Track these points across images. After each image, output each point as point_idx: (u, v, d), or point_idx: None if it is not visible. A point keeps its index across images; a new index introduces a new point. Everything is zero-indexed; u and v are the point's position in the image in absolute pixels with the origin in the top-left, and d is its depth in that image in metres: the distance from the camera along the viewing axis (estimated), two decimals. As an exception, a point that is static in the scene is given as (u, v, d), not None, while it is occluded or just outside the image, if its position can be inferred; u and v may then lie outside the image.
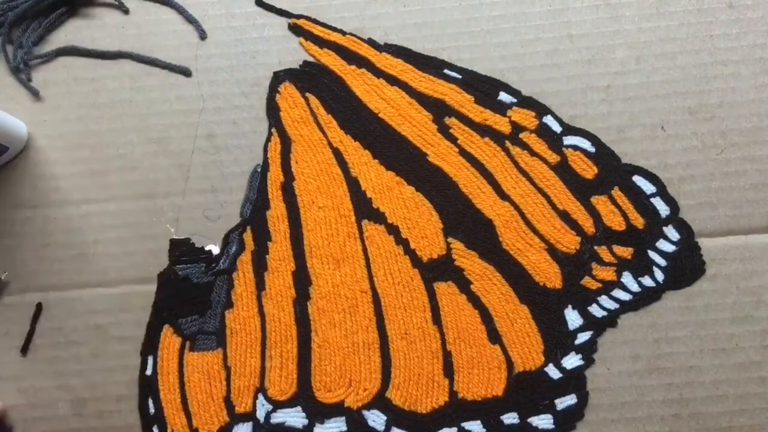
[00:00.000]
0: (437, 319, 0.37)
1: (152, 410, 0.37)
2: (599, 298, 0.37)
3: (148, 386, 0.37)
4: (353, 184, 0.39)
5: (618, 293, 0.37)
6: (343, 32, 0.42)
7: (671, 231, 0.38)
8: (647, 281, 0.38)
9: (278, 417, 0.36)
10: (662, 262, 0.38)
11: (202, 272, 0.38)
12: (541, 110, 0.40)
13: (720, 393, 0.36)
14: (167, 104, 0.41)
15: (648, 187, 0.39)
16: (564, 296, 0.37)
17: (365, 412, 0.36)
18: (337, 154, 0.40)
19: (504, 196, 0.39)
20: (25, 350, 0.38)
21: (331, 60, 0.41)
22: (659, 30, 0.41)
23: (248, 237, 0.39)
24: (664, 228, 0.38)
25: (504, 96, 0.40)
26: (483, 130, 0.40)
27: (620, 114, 0.40)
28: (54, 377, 0.38)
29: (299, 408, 0.36)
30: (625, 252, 0.38)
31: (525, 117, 0.40)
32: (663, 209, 0.38)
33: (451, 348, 0.37)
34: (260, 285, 0.38)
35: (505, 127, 0.40)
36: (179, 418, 0.37)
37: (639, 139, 0.39)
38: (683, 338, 0.37)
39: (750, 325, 0.37)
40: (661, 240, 0.38)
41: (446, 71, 0.41)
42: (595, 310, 0.37)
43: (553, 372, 0.37)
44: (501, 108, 0.40)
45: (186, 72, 0.41)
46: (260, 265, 0.38)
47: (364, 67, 0.41)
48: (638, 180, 0.39)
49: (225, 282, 0.38)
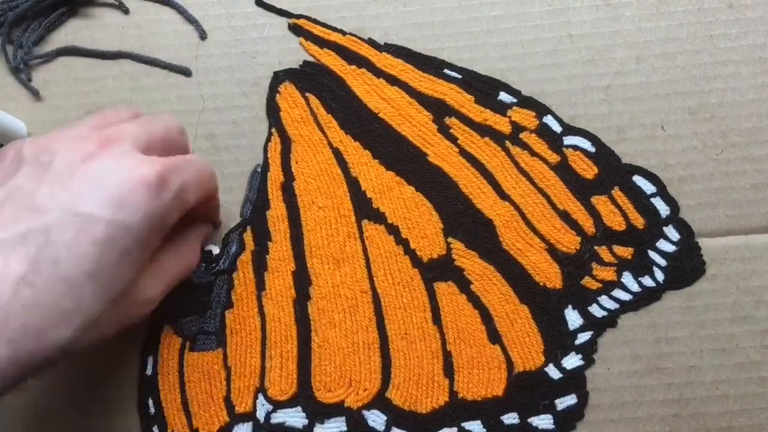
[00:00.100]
0: (437, 319, 0.37)
1: (152, 410, 0.37)
2: (599, 298, 0.37)
3: (148, 386, 0.37)
4: (353, 184, 0.39)
5: (618, 293, 0.37)
6: (343, 32, 0.42)
7: (671, 231, 0.38)
8: (647, 281, 0.38)
9: (278, 417, 0.36)
10: (662, 262, 0.38)
11: (202, 272, 0.38)
12: (541, 110, 0.40)
13: (720, 393, 0.36)
14: (167, 104, 0.41)
15: (648, 187, 0.39)
16: (564, 296, 0.37)
17: (365, 412, 0.36)
18: (337, 154, 0.40)
19: (504, 196, 0.39)
20: (25, 350, 0.38)
21: (331, 60, 0.41)
22: (659, 30, 0.41)
23: (248, 237, 0.39)
24: (664, 228, 0.38)
25: (504, 96, 0.40)
26: (483, 130, 0.40)
27: (620, 114, 0.40)
28: (54, 377, 0.38)
29: (299, 408, 0.36)
30: (625, 252, 0.38)
31: (525, 117, 0.40)
32: (663, 209, 0.38)
33: (451, 348, 0.37)
34: (260, 285, 0.38)
35: (505, 127, 0.40)
36: (179, 418, 0.37)
37: (639, 139, 0.39)
38: (683, 338, 0.37)
39: (750, 325, 0.37)
40: (661, 240, 0.38)
41: (446, 71, 0.41)
42: (595, 310, 0.37)
43: (553, 372, 0.37)
44: (501, 108, 0.40)
45: (186, 72, 0.41)
46: (260, 265, 0.38)
47: (364, 67, 0.41)
48: (638, 180, 0.39)
49: (225, 282, 0.38)
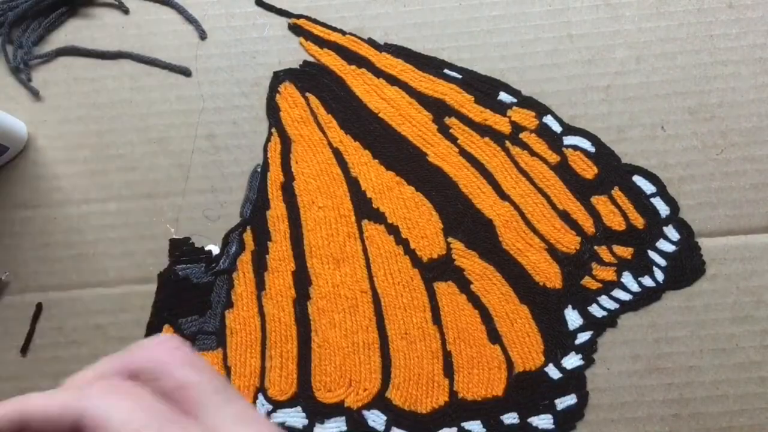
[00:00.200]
0: (437, 319, 0.37)
1: (152, 410, 0.37)
2: (599, 298, 0.37)
3: (148, 386, 0.37)
4: (353, 184, 0.39)
5: (618, 293, 0.37)
6: (343, 32, 0.42)
7: (671, 231, 0.38)
8: (647, 281, 0.38)
9: (278, 417, 0.36)
10: (662, 262, 0.38)
11: (202, 272, 0.38)
12: (541, 110, 0.40)
13: (720, 393, 0.36)
14: (167, 104, 0.41)
15: (648, 187, 0.39)
16: (564, 296, 0.37)
17: (365, 412, 0.36)
18: (337, 154, 0.40)
19: (504, 196, 0.39)
20: (25, 350, 0.38)
21: (331, 60, 0.41)
22: (659, 30, 0.41)
23: (248, 237, 0.39)
24: (664, 228, 0.38)
25: (504, 96, 0.40)
26: (483, 130, 0.40)
27: (620, 114, 0.40)
28: (54, 377, 0.38)
29: (299, 408, 0.36)
30: (625, 252, 0.38)
31: (525, 117, 0.40)
32: (663, 209, 0.38)
33: (451, 348, 0.37)
34: (260, 285, 0.38)
35: (505, 127, 0.40)
36: (179, 418, 0.37)
37: (639, 139, 0.39)
38: (683, 338, 0.37)
39: (750, 325, 0.37)
40: (661, 240, 0.38)
41: (446, 71, 0.41)
42: (595, 310, 0.37)
43: (553, 372, 0.37)
44: (501, 108, 0.40)
45: (186, 72, 0.41)
46: (260, 265, 0.38)
47: (364, 67, 0.41)
48: (638, 180, 0.39)
49: (225, 282, 0.38)
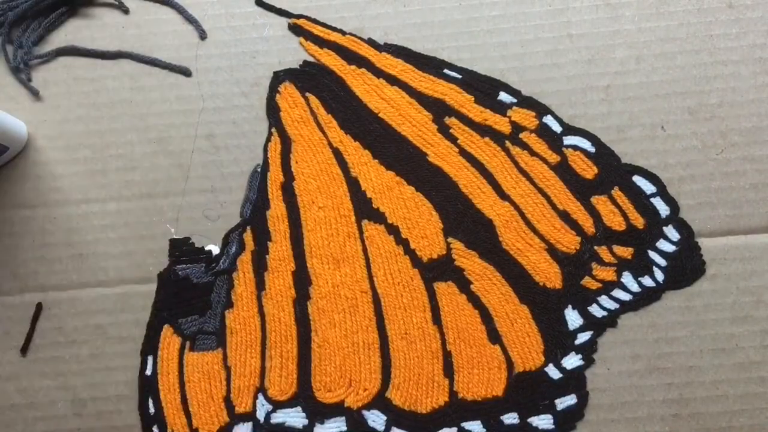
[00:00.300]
0: (437, 319, 0.37)
1: (152, 410, 0.37)
2: (599, 298, 0.37)
3: (148, 386, 0.37)
4: (353, 184, 0.39)
5: (618, 293, 0.37)
6: (343, 32, 0.42)
7: (671, 231, 0.38)
8: (647, 281, 0.38)
9: (278, 417, 0.36)
10: (662, 262, 0.38)
11: (202, 272, 0.38)
12: (541, 110, 0.40)
13: (720, 393, 0.36)
14: (167, 104, 0.41)
15: (648, 187, 0.39)
16: (564, 296, 0.37)
17: (365, 412, 0.36)
18: (337, 154, 0.40)
19: (504, 196, 0.39)
20: (25, 350, 0.38)
21: (331, 60, 0.41)
22: (659, 30, 0.41)
23: (248, 237, 0.39)
24: (664, 228, 0.38)
25: (504, 96, 0.40)
26: (483, 130, 0.40)
27: (620, 114, 0.40)
28: (54, 377, 0.38)
29: (299, 408, 0.36)
30: (625, 252, 0.38)
31: (525, 117, 0.40)
32: (663, 209, 0.38)
33: (451, 348, 0.37)
34: (260, 285, 0.38)
35: (505, 127, 0.40)
36: (179, 418, 0.37)
37: (639, 139, 0.39)
38: (683, 338, 0.37)
39: (750, 325, 0.37)
40: (661, 240, 0.38)
41: (446, 71, 0.41)
42: (595, 310, 0.37)
43: (553, 372, 0.37)
44: (501, 108, 0.40)
45: (186, 72, 0.41)
46: (260, 265, 0.38)
47: (364, 67, 0.41)
48: (638, 180, 0.39)
49: (225, 282, 0.38)
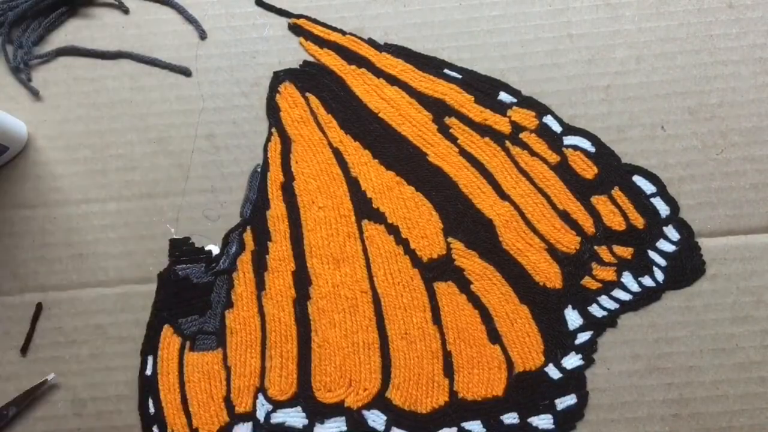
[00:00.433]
0: (437, 319, 0.37)
1: (152, 410, 0.37)
2: (599, 298, 0.37)
3: (148, 386, 0.37)
4: (353, 184, 0.39)
5: (618, 293, 0.37)
6: (343, 32, 0.42)
7: (671, 231, 0.38)
8: (647, 281, 0.38)
9: (278, 417, 0.36)
10: (662, 262, 0.38)
11: (202, 272, 0.38)
12: (541, 110, 0.40)
13: (720, 393, 0.36)
14: (167, 104, 0.41)
15: (648, 187, 0.39)
16: (564, 296, 0.37)
17: (365, 412, 0.36)
18: (337, 154, 0.40)
19: (504, 196, 0.39)
20: (25, 350, 0.38)
21: (331, 60, 0.41)
22: (659, 30, 0.41)
23: (248, 237, 0.39)
24: (664, 228, 0.38)
25: (504, 96, 0.40)
26: (483, 130, 0.40)
27: (620, 114, 0.40)
28: (55, 377, 0.38)
29: (299, 408, 0.36)
30: (625, 252, 0.38)
31: (525, 117, 0.40)
32: (663, 209, 0.38)
33: (451, 348, 0.37)
34: (260, 285, 0.38)
35: (505, 127, 0.40)
36: (179, 418, 0.37)
37: (639, 139, 0.39)
38: (683, 338, 0.37)
39: (750, 325, 0.37)
40: (661, 240, 0.38)
41: (446, 71, 0.41)
42: (595, 310, 0.37)
43: (553, 372, 0.37)
44: (501, 108, 0.40)
45: (186, 72, 0.41)
46: (260, 265, 0.38)
47: (364, 67, 0.41)
48: (638, 180, 0.39)
49: (225, 282, 0.38)
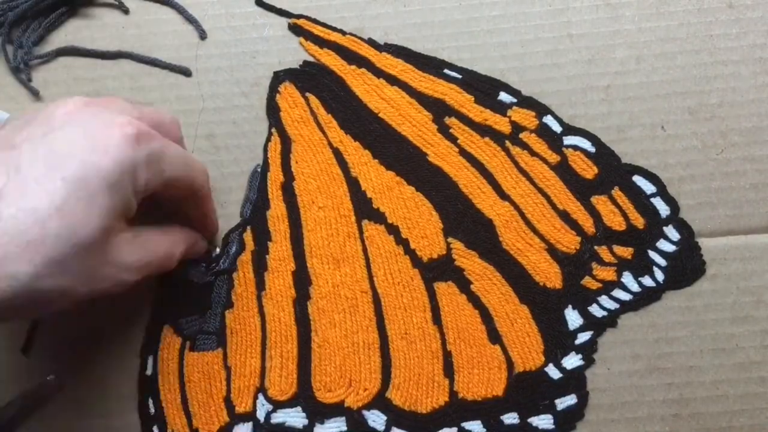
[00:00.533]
0: (437, 319, 0.37)
1: (152, 410, 0.37)
2: (599, 298, 0.37)
3: (148, 386, 0.37)
4: (353, 184, 0.39)
5: (618, 293, 0.37)
6: (343, 32, 0.42)
7: (671, 231, 0.38)
8: (647, 281, 0.38)
9: (278, 417, 0.36)
10: (662, 262, 0.38)
11: (202, 272, 0.38)
12: (541, 110, 0.40)
13: (720, 393, 0.36)
14: (167, 104, 0.41)
15: (648, 187, 0.39)
16: (564, 296, 0.37)
17: (365, 412, 0.36)
18: (337, 154, 0.40)
19: (504, 196, 0.39)
20: (25, 350, 0.38)
21: (331, 60, 0.41)
22: (659, 30, 0.41)
23: (248, 237, 0.39)
24: (664, 228, 0.38)
25: (504, 96, 0.40)
26: (483, 130, 0.40)
27: (620, 114, 0.40)
28: (55, 377, 0.38)
29: (299, 408, 0.36)
30: (625, 252, 0.38)
31: (525, 117, 0.40)
32: (663, 209, 0.38)
33: (451, 348, 0.37)
34: (260, 285, 0.38)
35: (505, 127, 0.40)
36: (179, 418, 0.37)
37: (639, 139, 0.39)
38: (683, 338, 0.37)
39: (750, 325, 0.37)
40: (662, 240, 0.38)
41: (446, 71, 0.41)
42: (595, 310, 0.37)
43: (553, 372, 0.37)
44: (501, 108, 0.40)
45: (186, 72, 0.41)
46: (260, 265, 0.38)
47: (364, 67, 0.41)
48: (638, 180, 0.39)
49: (225, 282, 0.38)
